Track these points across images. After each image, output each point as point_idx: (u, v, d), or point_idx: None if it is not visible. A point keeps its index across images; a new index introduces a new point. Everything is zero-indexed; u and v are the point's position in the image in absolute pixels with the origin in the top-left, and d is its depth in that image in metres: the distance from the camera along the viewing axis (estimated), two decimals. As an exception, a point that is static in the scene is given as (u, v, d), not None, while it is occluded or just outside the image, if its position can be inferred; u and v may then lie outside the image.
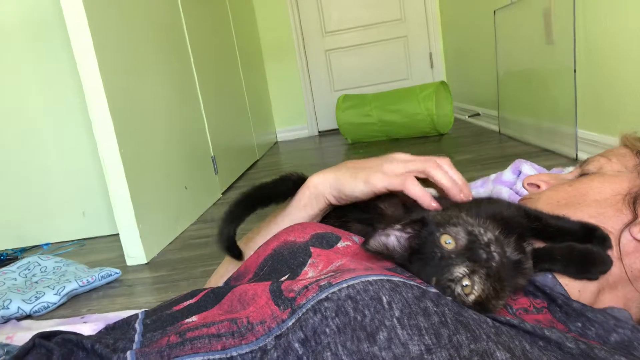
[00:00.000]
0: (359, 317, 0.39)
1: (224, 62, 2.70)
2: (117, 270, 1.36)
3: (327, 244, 0.52)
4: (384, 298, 0.40)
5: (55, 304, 1.21)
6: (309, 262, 0.50)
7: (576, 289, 0.53)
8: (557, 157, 1.89)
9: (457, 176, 0.58)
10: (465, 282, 0.43)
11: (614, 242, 0.53)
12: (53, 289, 1.23)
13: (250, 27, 3.60)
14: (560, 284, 0.53)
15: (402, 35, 3.84)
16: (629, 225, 0.54)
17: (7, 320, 1.15)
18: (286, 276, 0.50)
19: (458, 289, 0.43)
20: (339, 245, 0.52)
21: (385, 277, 0.42)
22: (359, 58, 3.89)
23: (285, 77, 3.93)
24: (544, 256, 0.54)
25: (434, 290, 0.43)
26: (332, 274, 0.45)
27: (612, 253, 0.53)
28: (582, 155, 1.75)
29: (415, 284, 0.43)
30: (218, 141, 2.31)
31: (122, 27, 1.56)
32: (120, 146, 1.43)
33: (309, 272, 0.48)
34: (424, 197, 0.56)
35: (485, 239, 0.45)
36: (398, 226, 0.48)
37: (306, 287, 0.44)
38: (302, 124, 4.01)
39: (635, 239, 0.53)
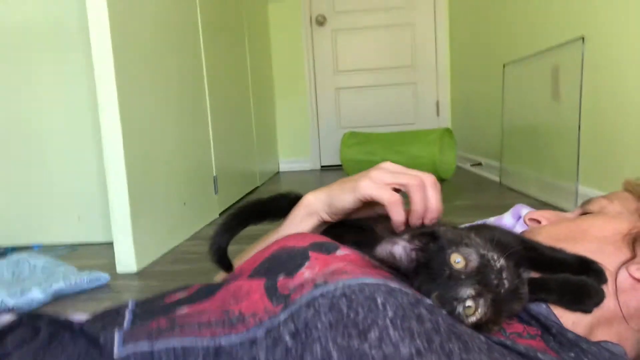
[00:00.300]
0: (351, 315, 0.39)
1: (235, 88, 2.75)
2: (106, 276, 1.35)
3: (325, 251, 0.52)
4: (378, 299, 0.40)
5: (41, 301, 1.19)
6: (306, 264, 0.50)
7: (570, 320, 0.53)
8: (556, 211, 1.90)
9: (434, 198, 0.57)
10: (469, 303, 0.43)
11: (610, 279, 0.54)
12: (40, 286, 1.22)
13: (264, 57, 3.68)
14: (554, 314, 0.53)
15: (412, 82, 3.93)
16: (626, 263, 0.55)
17: (-11, 312, 1.13)
18: (282, 276, 0.50)
19: (460, 309, 0.43)
20: (338, 253, 0.52)
21: (382, 282, 0.43)
22: (368, 99, 3.96)
23: (293, 109, 4.00)
24: (538, 286, 0.54)
25: (429, 301, 0.43)
26: (329, 274, 0.45)
27: (608, 289, 0.53)
28: (581, 211, 1.76)
29: (411, 292, 0.43)
30: (221, 163, 2.33)
31: (142, 44, 1.60)
32: (126, 153, 1.44)
33: (305, 273, 0.48)
34: (400, 223, 0.56)
35: (498, 265, 0.45)
36: (406, 236, 0.48)
37: (301, 284, 0.44)
38: (306, 157, 4.04)
39: (632, 277, 0.54)
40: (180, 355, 0.40)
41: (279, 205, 0.69)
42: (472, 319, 0.43)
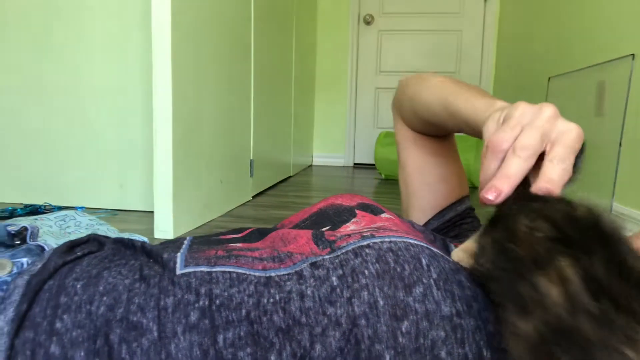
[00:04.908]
0: (398, 269, 0.42)
1: (279, 78, 2.81)
2: (145, 239, 1.42)
3: (372, 212, 0.56)
4: (423, 260, 0.43)
5: (84, 253, 1.27)
6: (353, 220, 0.53)
7: None
8: (587, 226, 1.88)
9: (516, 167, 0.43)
10: None
11: None
12: (84, 241, 1.30)
13: (309, 51, 3.74)
14: None
15: (453, 88, 3.91)
16: None
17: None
18: (327, 227, 0.54)
19: None
20: (383, 215, 0.56)
21: (426, 245, 0.45)
22: (407, 101, 3.96)
23: (332, 105, 4.04)
24: None
25: (467, 272, 0.46)
26: (375, 229, 0.49)
27: None
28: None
29: (451, 260, 0.46)
30: (259, 148, 2.40)
31: (198, 30, 1.68)
32: (174, 128, 1.51)
33: (351, 226, 0.52)
34: (484, 181, 0.46)
35: None
36: None
37: (348, 235, 0.48)
38: (340, 153, 4.08)
39: None
40: (235, 279, 0.44)
41: None
42: None
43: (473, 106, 0.54)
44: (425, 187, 0.75)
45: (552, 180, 0.41)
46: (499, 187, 0.42)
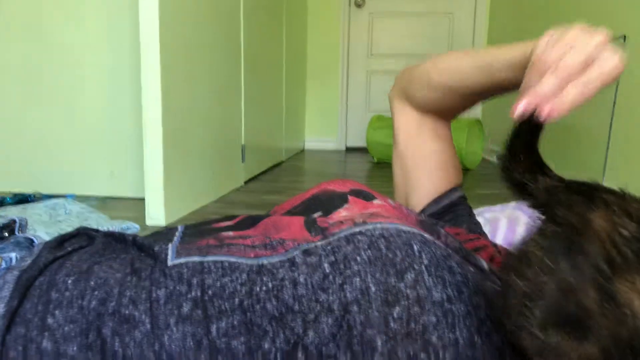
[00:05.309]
0: (390, 255, 0.42)
1: (269, 63, 2.78)
2: (137, 226, 1.41)
3: (364, 198, 0.56)
4: (415, 246, 0.43)
5: (76, 242, 1.26)
6: (345, 206, 0.53)
7: None
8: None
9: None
10: None
11: None
12: (75, 229, 1.29)
13: (300, 35, 3.70)
14: None
15: (445, 70, 3.90)
16: None
17: (28, 247, 1.21)
18: (319, 213, 0.54)
19: None
20: (375, 202, 0.56)
21: (417, 231, 0.46)
22: (399, 84, 3.94)
23: (324, 89, 4.02)
24: None
25: (458, 257, 0.46)
26: (367, 215, 0.49)
27: None
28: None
29: (443, 246, 0.46)
30: (250, 134, 2.38)
31: (186, 14, 1.65)
32: (164, 115, 1.50)
33: (343, 212, 0.52)
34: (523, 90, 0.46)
35: None
36: None
37: (341, 221, 0.48)
38: (332, 137, 4.07)
39: None
40: (227, 268, 0.44)
41: None
42: None
43: (512, 46, 0.53)
44: (426, 174, 0.76)
45: (562, 102, 0.42)
46: (528, 101, 0.43)
